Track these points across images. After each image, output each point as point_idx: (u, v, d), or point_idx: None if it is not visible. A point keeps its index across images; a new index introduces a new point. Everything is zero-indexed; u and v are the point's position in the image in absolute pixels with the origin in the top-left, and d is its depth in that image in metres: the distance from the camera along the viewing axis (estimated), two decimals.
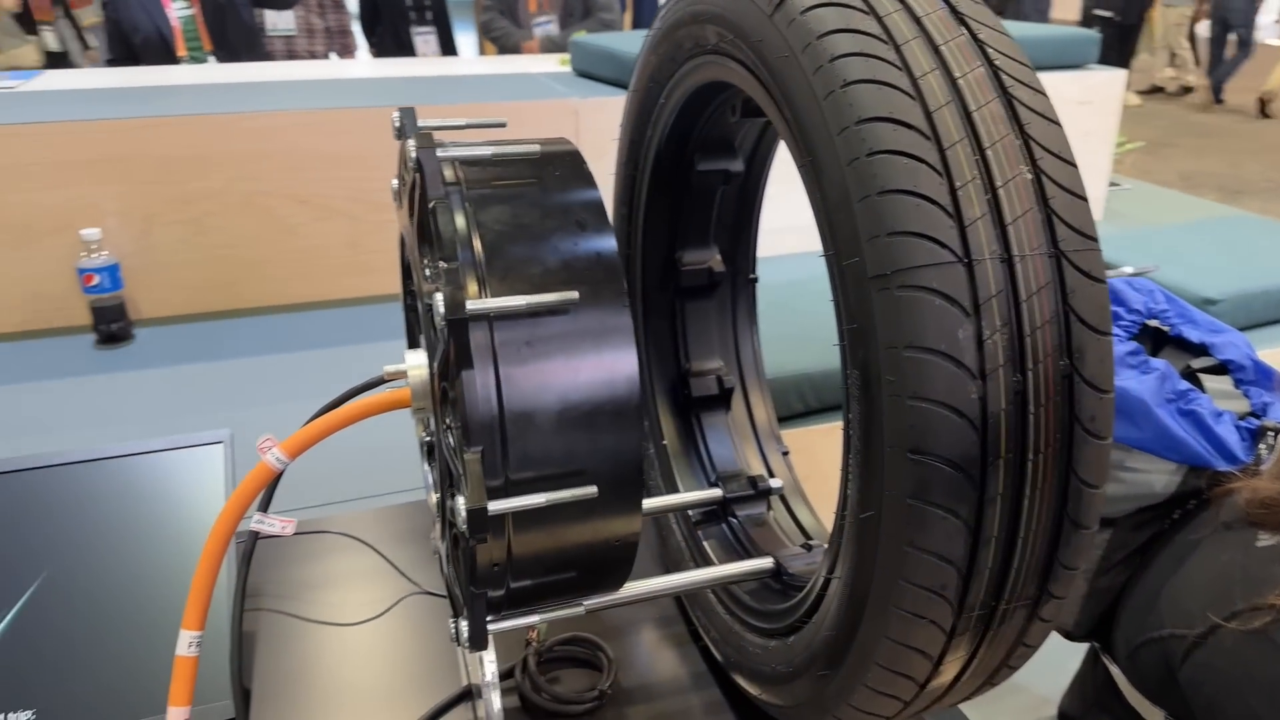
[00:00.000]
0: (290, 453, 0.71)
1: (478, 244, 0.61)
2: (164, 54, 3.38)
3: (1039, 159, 0.56)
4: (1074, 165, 0.57)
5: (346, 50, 3.73)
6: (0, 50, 3.98)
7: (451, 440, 0.63)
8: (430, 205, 0.61)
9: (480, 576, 0.63)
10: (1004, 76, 0.58)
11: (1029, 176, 0.56)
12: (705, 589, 0.87)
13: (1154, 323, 1.01)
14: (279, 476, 0.73)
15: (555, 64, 2.71)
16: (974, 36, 0.60)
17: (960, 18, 0.61)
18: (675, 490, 1.01)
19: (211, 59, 3.51)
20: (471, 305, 0.57)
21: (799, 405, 1.43)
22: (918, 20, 0.60)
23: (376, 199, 1.88)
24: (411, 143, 0.63)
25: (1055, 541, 0.58)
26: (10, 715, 0.78)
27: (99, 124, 1.69)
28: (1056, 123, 0.58)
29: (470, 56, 4.56)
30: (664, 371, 1.05)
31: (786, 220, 1.40)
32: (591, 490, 0.60)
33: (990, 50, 0.59)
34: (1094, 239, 0.56)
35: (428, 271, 0.64)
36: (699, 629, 0.92)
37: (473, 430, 0.58)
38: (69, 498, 0.92)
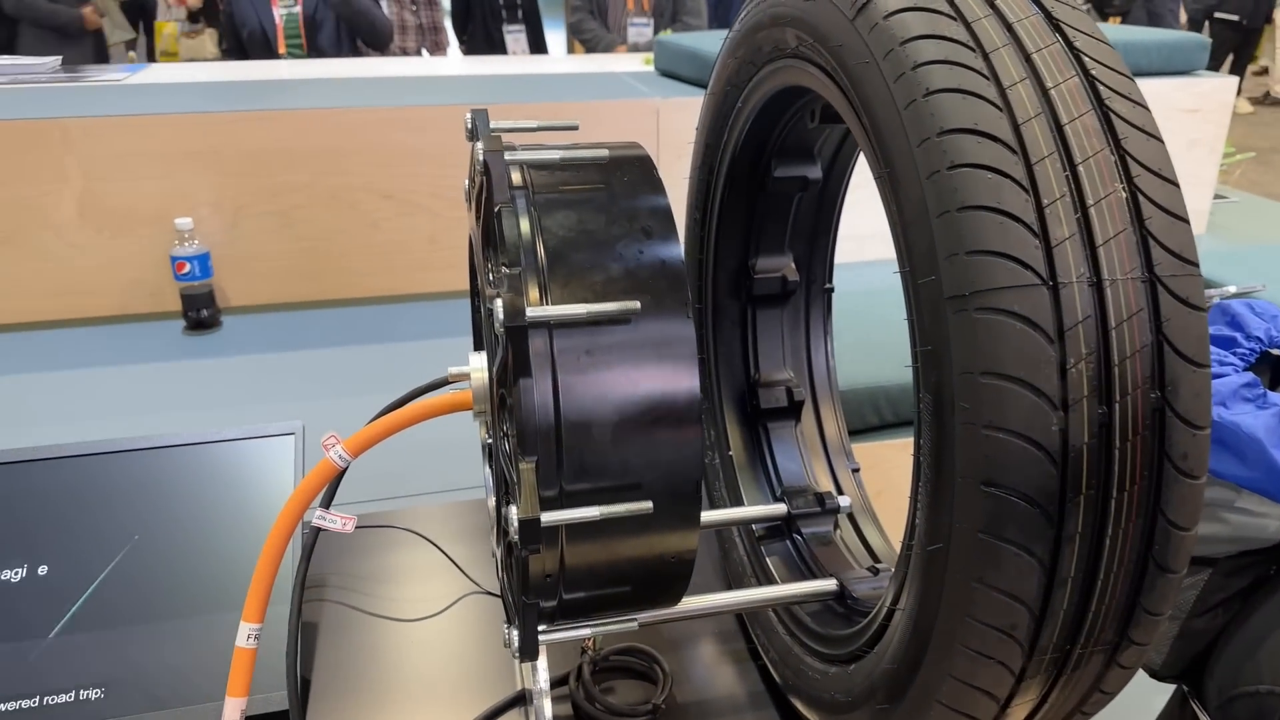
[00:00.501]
0: (353, 451, 0.71)
1: (541, 249, 0.60)
2: (266, 50, 3.48)
3: (1136, 176, 0.53)
4: (1175, 184, 0.53)
5: (438, 47, 3.80)
6: (110, 41, 4.18)
7: (508, 447, 0.62)
8: (495, 209, 0.60)
9: (532, 586, 0.62)
10: (1100, 88, 0.55)
11: (1124, 195, 0.52)
12: (766, 608, 0.85)
13: (1277, 351, 0.94)
14: (342, 473, 0.73)
15: (639, 63, 2.70)
16: (1069, 44, 0.56)
17: (1055, 24, 0.57)
18: (739, 503, 0.99)
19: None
20: (531, 312, 0.56)
21: (874, 419, 1.39)
22: (1009, 27, 0.57)
23: (457, 195, 1.90)
24: (479, 145, 0.62)
25: (1139, 584, 0.55)
26: (82, 692, 0.81)
27: (195, 117, 1.75)
28: (1157, 138, 0.54)
29: (560, 55, 4.59)
30: (732, 381, 1.02)
31: (870, 227, 1.36)
32: (647, 506, 0.59)
33: (1086, 59, 0.56)
34: (1194, 264, 0.52)
35: (491, 276, 0.63)
36: (759, 647, 0.90)
37: (528, 439, 0.57)
38: (147, 482, 0.94)
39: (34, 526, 0.89)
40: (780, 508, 0.94)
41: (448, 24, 3.96)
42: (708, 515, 0.95)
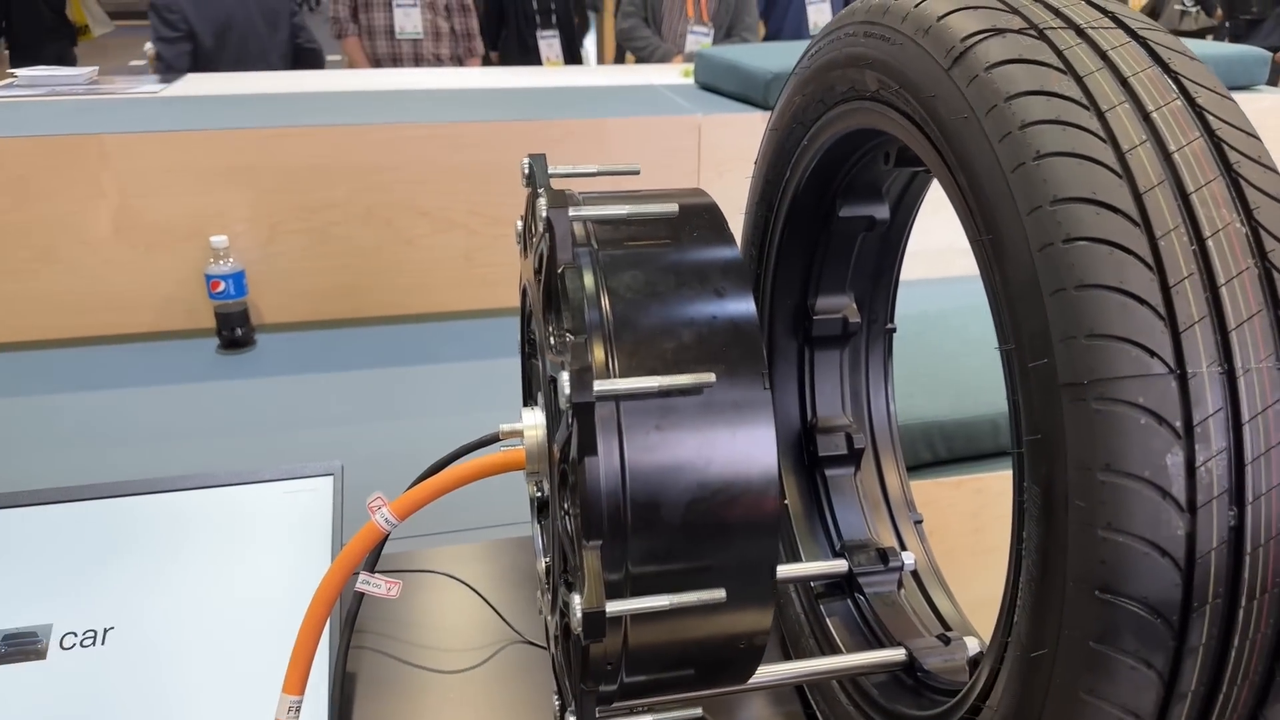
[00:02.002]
0: (400, 515, 0.68)
1: (607, 314, 0.56)
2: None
3: (1270, 251, 0.48)
4: None
5: (471, 53, 3.77)
6: (92, 35, 4.20)
7: (570, 527, 0.58)
8: (560, 270, 0.56)
9: (592, 673, 0.58)
10: (1228, 150, 0.50)
11: (1259, 272, 0.48)
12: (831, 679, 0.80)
13: None
14: (386, 537, 0.70)
15: (677, 75, 2.66)
16: (1190, 101, 0.52)
17: (1175, 77, 0.53)
18: (796, 557, 0.94)
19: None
20: (600, 386, 0.52)
21: (927, 455, 1.33)
22: (1123, 81, 0.52)
23: (494, 212, 1.86)
24: (542, 201, 0.58)
25: (1264, 695, 0.50)
26: None
27: (231, 133, 1.73)
28: None
29: (594, 64, 4.55)
30: (787, 426, 0.98)
31: (915, 244, 1.31)
32: (720, 595, 0.55)
33: (1210, 118, 0.51)
34: None
35: (552, 340, 0.59)
36: (817, 713, 0.85)
37: (593, 522, 0.53)
38: (172, 527, 0.91)
39: (50, 574, 0.87)
40: (841, 564, 0.89)
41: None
42: None
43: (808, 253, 0.92)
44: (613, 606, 0.53)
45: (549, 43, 3.88)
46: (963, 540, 1.35)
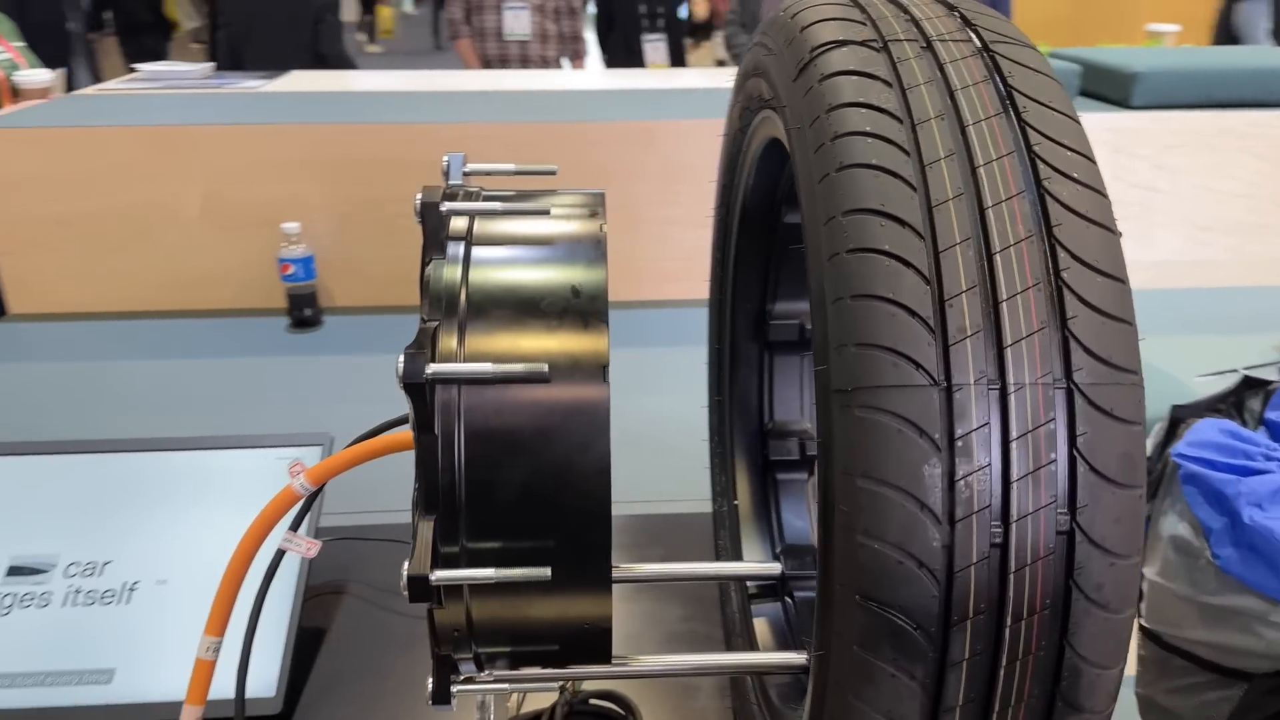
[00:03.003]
0: (314, 480, 0.74)
1: (463, 304, 0.60)
2: None
3: (1065, 270, 0.47)
4: (1116, 279, 0.48)
5: (578, 56, 3.87)
6: (182, 27, 4.52)
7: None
8: (425, 259, 0.61)
9: (440, 639, 0.62)
10: (1042, 166, 0.49)
11: (1049, 289, 0.47)
12: (724, 675, 0.81)
13: None
14: (311, 499, 0.76)
15: None
16: (1018, 117, 0.51)
17: (1010, 91, 0.52)
18: (739, 556, 0.95)
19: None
20: (433, 369, 0.56)
21: None
22: (951, 94, 0.52)
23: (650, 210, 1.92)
24: (418, 195, 0.63)
25: None
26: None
27: (308, 128, 1.85)
28: (1101, 224, 0.48)
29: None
30: (745, 428, 0.99)
31: None
32: (544, 573, 0.58)
33: (1034, 133, 0.50)
34: (1126, 370, 0.47)
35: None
36: (734, 710, 0.87)
37: (427, 496, 0.57)
38: (174, 480, 1.01)
39: (62, 514, 0.97)
40: (775, 566, 0.90)
41: (589, 33, 4.03)
42: (703, 567, 0.92)
43: (763, 258, 0.94)
44: (438, 574, 0.57)
45: (655, 46, 3.94)
46: None
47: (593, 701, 0.91)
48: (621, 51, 3.98)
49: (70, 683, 0.89)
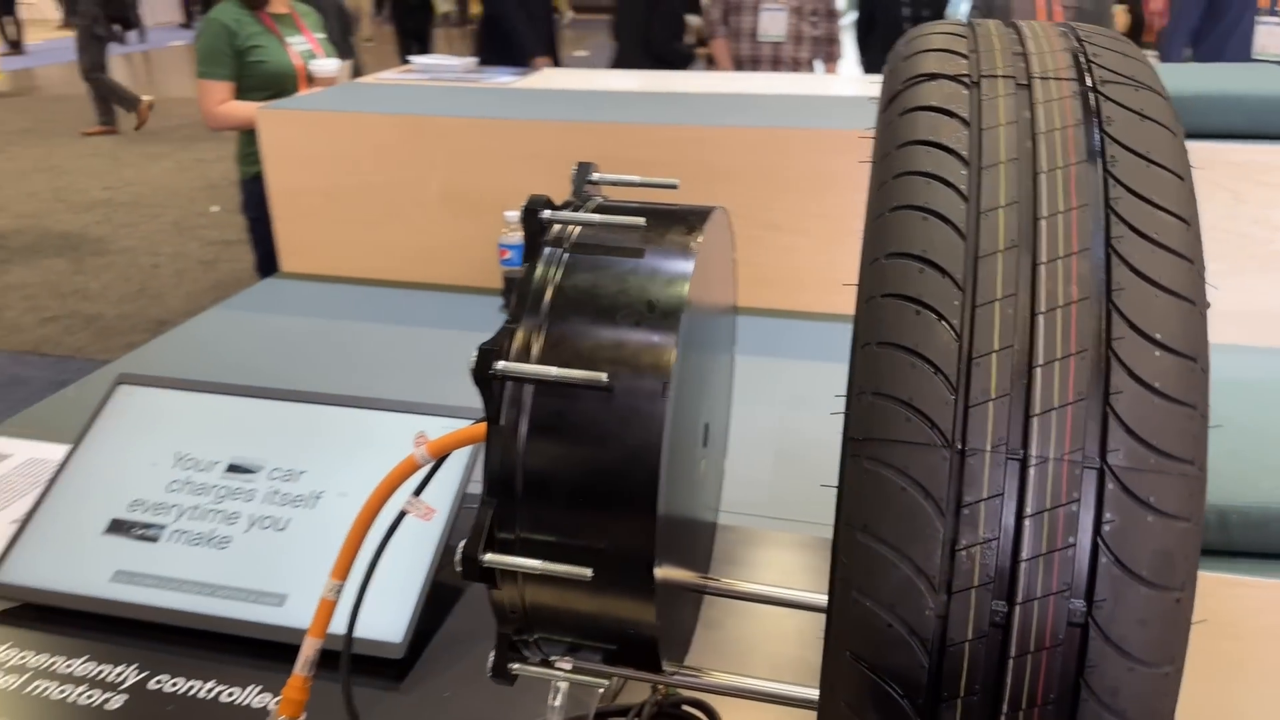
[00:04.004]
0: (432, 453, 0.80)
1: (546, 308, 0.63)
2: None
3: (1118, 339, 0.43)
4: (1186, 358, 0.42)
5: (831, 59, 3.81)
6: (439, 9, 4.88)
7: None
8: (524, 264, 0.65)
9: (500, 616, 0.67)
10: (1117, 223, 0.45)
11: (1097, 358, 0.43)
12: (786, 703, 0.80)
13: None
14: (433, 468, 0.83)
15: None
16: (1105, 167, 0.47)
17: (1104, 137, 0.48)
18: None
19: None
20: (501, 366, 0.60)
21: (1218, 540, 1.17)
22: (1033, 137, 0.48)
23: (762, 217, 1.93)
24: (514, 213, 0.67)
25: None
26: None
27: (534, 123, 1.98)
28: (1179, 296, 0.43)
29: None
30: None
31: (1230, 302, 1.16)
32: (585, 572, 0.60)
33: (1118, 186, 0.46)
34: (1180, 460, 0.42)
35: None
36: None
37: (489, 482, 0.62)
38: (361, 430, 1.13)
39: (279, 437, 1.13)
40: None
41: (849, 35, 3.96)
42: (799, 595, 0.91)
43: None
44: (489, 557, 0.61)
45: None
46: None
47: (684, 707, 0.93)
48: (879, 55, 3.87)
49: (249, 600, 1.03)
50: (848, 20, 4.21)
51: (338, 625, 0.80)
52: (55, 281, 4.84)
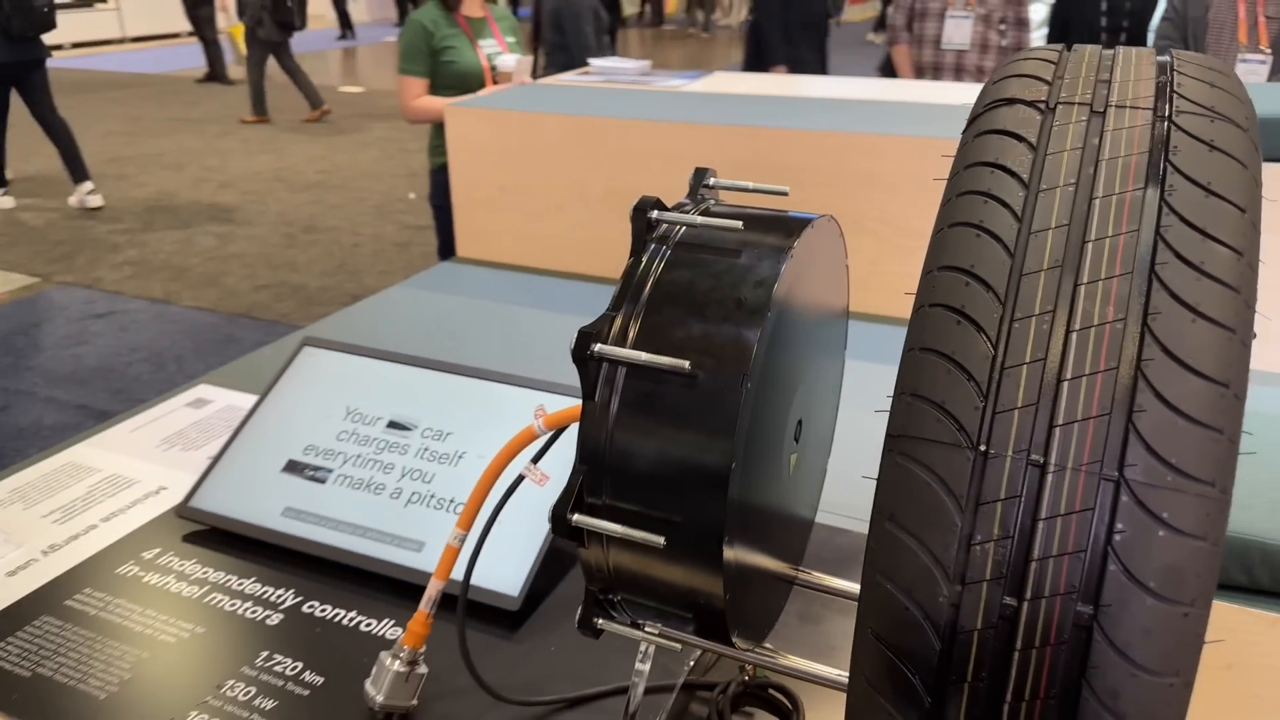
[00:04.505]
0: (548, 425, 0.89)
1: (644, 299, 0.70)
2: None
3: (1148, 361, 0.45)
4: (1217, 384, 0.44)
5: None
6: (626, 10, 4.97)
7: None
8: (630, 259, 0.72)
9: (588, 574, 0.74)
10: (1164, 249, 0.47)
11: (1125, 378, 0.45)
12: None
13: None
14: (549, 439, 0.91)
15: None
16: (1162, 195, 0.48)
17: (1168, 167, 0.49)
18: None
19: None
20: (597, 348, 0.67)
21: (1241, 578, 1.13)
22: (1096, 163, 0.50)
23: (904, 222, 1.92)
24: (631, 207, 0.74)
25: None
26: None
27: (698, 126, 2.04)
28: (1216, 324, 0.45)
29: None
30: None
31: None
32: (657, 540, 0.66)
33: (1171, 214, 0.48)
34: (1198, 480, 0.43)
35: None
36: None
37: (582, 450, 0.69)
38: (498, 402, 1.24)
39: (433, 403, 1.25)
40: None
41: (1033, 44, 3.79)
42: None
43: None
44: (576, 518, 0.69)
45: None
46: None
47: (770, 690, 0.97)
48: None
49: (393, 544, 1.15)
50: (1039, 32, 4.03)
51: (462, 573, 0.90)
52: (269, 254, 5.36)
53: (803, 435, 0.83)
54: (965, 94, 2.76)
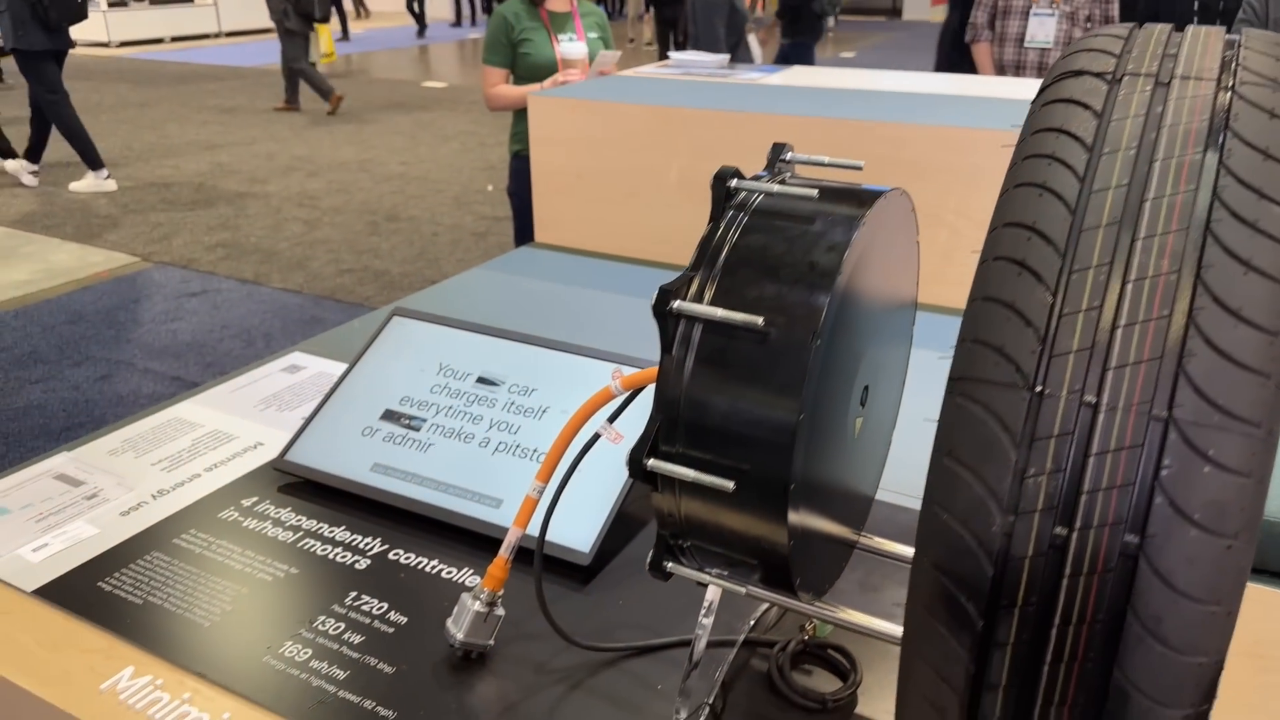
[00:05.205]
0: (625, 386, 0.94)
1: (721, 260, 0.74)
2: None
3: (1200, 310, 0.48)
4: (1266, 332, 0.47)
5: None
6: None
7: None
8: (709, 224, 0.76)
9: (659, 519, 0.79)
10: (1219, 208, 0.49)
11: (1177, 325, 0.48)
12: None
13: None
14: (625, 400, 0.96)
15: None
16: (1220, 159, 0.51)
17: (1227, 131, 0.52)
18: None
19: None
20: (676, 305, 0.72)
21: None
22: (1158, 129, 0.53)
23: (979, 215, 1.93)
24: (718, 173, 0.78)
25: None
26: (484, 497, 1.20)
27: (773, 117, 2.08)
28: (1268, 276, 0.47)
29: None
30: None
31: None
32: (726, 485, 0.71)
33: (1229, 176, 0.50)
34: (1244, 421, 0.46)
35: None
36: None
37: (659, 399, 0.74)
38: (576, 371, 1.30)
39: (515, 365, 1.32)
40: None
41: None
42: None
43: None
44: (651, 462, 0.73)
45: None
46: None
47: (828, 650, 1.01)
48: None
49: (473, 499, 1.22)
50: None
51: (536, 528, 0.96)
52: (353, 240, 5.54)
53: (867, 404, 0.87)
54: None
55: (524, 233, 3.07)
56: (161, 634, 1.03)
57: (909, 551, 0.96)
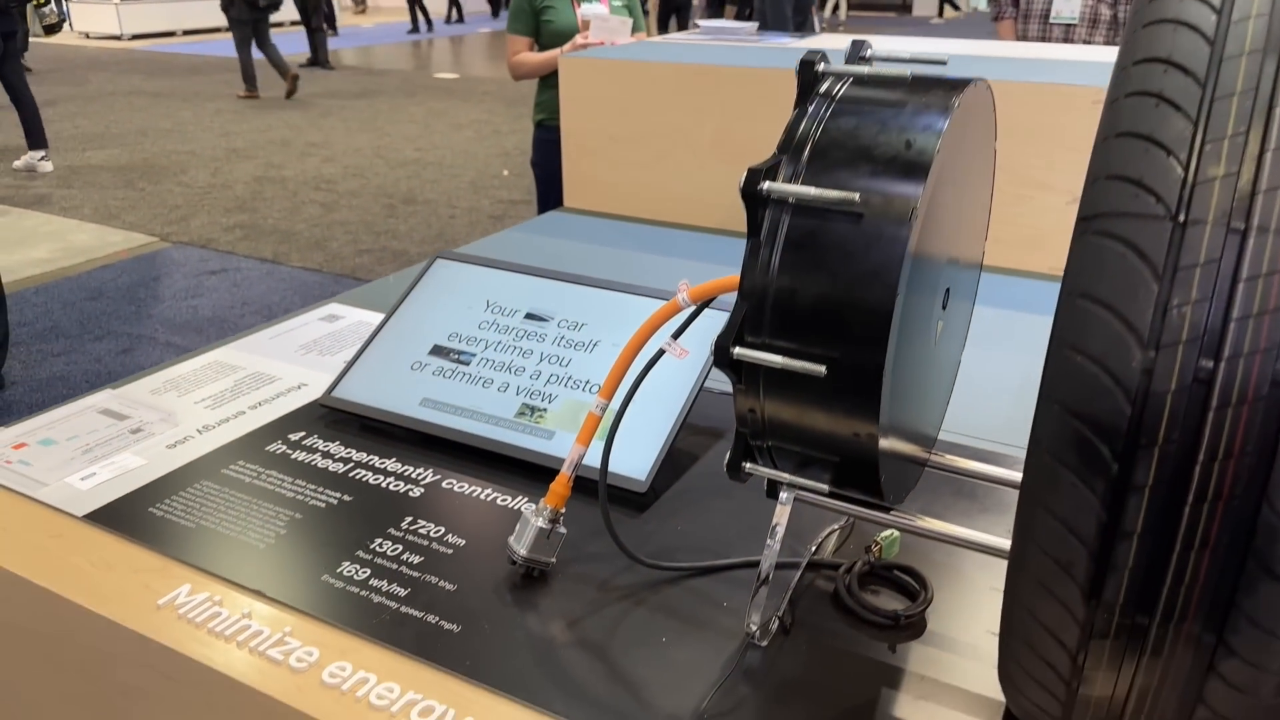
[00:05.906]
0: (693, 298, 0.92)
1: (810, 144, 0.73)
2: None
3: None
4: None
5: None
6: None
7: None
8: (795, 109, 0.74)
9: (740, 416, 0.77)
10: None
11: None
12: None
13: None
14: (693, 313, 0.94)
15: None
16: None
17: None
18: None
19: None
20: (766, 186, 0.70)
21: None
22: None
23: (1031, 175, 1.90)
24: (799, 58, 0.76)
25: (1235, 580, 0.49)
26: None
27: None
28: None
29: None
30: None
31: None
32: (819, 369, 0.69)
33: None
34: None
35: None
36: None
37: (745, 287, 0.72)
38: (625, 309, 1.28)
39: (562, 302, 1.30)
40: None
41: None
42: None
43: None
44: (738, 350, 0.72)
45: None
46: None
47: (895, 571, 0.99)
48: None
49: (526, 432, 1.20)
50: None
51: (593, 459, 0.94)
52: (371, 221, 5.54)
53: (948, 309, 0.85)
54: (1082, 53, 2.70)
55: (547, 204, 3.05)
56: (216, 555, 1.02)
57: (981, 467, 0.94)
